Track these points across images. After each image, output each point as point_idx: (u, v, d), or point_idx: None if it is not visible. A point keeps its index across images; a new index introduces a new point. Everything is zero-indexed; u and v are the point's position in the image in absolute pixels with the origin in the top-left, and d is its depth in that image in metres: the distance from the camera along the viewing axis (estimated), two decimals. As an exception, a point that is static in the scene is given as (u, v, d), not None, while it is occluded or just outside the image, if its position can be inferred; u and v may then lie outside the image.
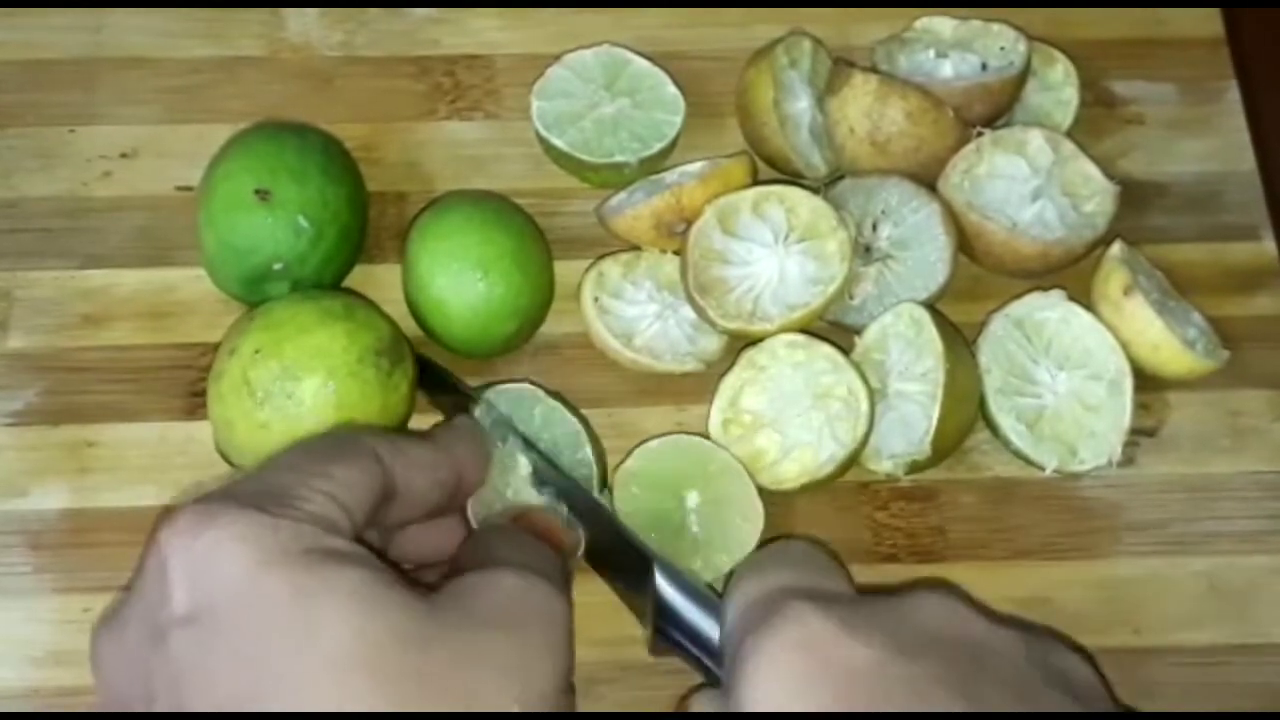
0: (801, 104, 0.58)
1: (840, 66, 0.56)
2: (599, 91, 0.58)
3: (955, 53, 0.58)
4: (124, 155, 0.59)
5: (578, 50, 0.59)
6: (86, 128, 0.59)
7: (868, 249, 0.54)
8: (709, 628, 0.43)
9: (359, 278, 0.56)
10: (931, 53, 0.58)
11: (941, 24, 0.59)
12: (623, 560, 0.47)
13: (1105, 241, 0.54)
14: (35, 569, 0.51)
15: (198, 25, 0.62)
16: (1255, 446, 0.54)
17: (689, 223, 0.53)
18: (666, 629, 0.44)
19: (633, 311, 0.54)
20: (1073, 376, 0.53)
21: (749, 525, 0.50)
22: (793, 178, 0.57)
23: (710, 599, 0.44)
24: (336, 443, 0.41)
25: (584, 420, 0.52)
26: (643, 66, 0.59)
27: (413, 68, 0.61)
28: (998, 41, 0.58)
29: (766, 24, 0.60)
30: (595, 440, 0.52)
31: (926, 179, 0.55)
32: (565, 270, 0.56)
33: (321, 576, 0.34)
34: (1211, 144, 0.60)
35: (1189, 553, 0.52)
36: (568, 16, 0.62)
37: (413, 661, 0.34)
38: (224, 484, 0.39)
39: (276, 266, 0.52)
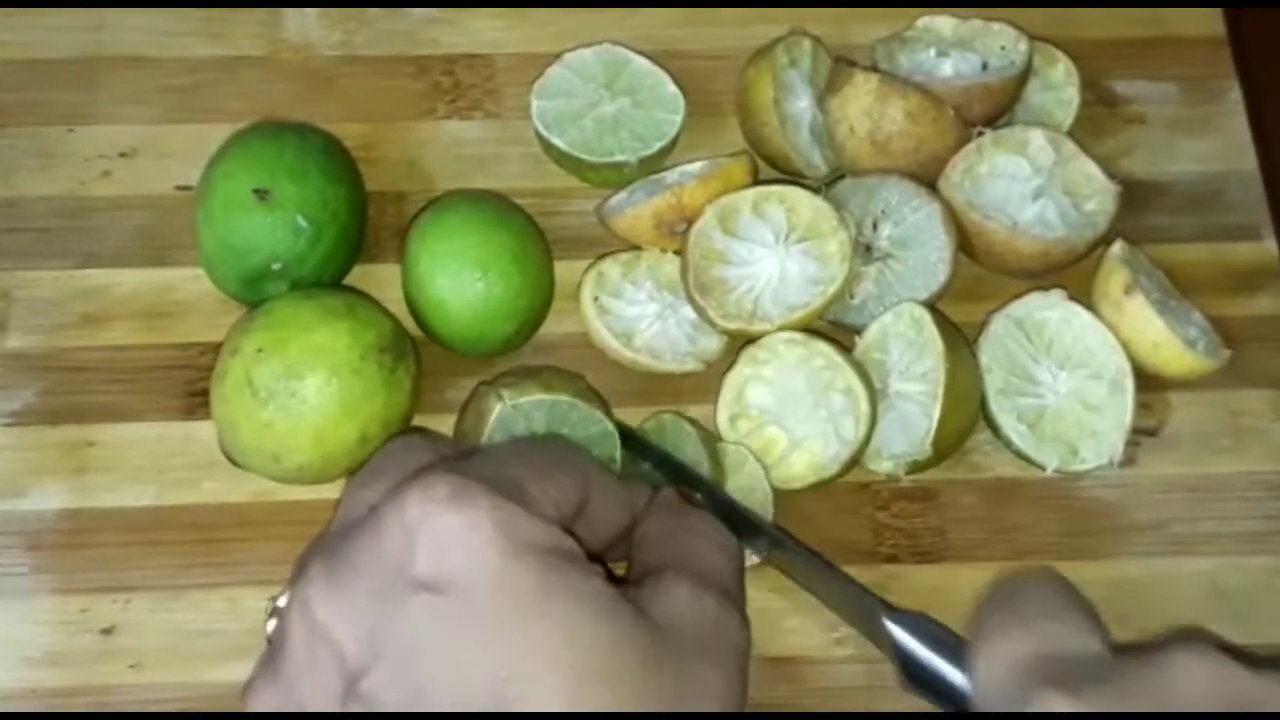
0: (802, 103, 0.57)
1: (841, 65, 0.56)
2: (599, 91, 0.58)
3: (956, 52, 0.58)
4: (123, 155, 0.59)
5: (577, 49, 0.59)
6: (86, 127, 0.59)
7: (868, 248, 0.54)
8: (950, 672, 0.43)
9: (359, 277, 0.56)
10: (932, 52, 0.58)
11: (942, 23, 0.59)
12: (846, 599, 0.48)
13: (1106, 241, 0.54)
14: (33, 569, 0.51)
15: (197, 25, 0.61)
16: (1256, 446, 0.54)
17: (690, 222, 0.53)
18: (909, 670, 0.44)
19: (633, 311, 0.54)
20: (1074, 376, 0.52)
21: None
22: (793, 177, 0.57)
23: (948, 642, 0.43)
24: (559, 449, 0.42)
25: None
26: (643, 66, 0.59)
27: (412, 67, 0.61)
28: (998, 41, 0.58)
29: (766, 23, 0.60)
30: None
31: (927, 178, 0.55)
32: (565, 270, 0.55)
33: (568, 579, 0.35)
34: (1213, 143, 0.60)
35: (1190, 553, 0.52)
36: (568, 16, 0.62)
37: (649, 683, 0.35)
38: (457, 462, 0.39)
39: (275, 266, 0.52)
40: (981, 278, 0.56)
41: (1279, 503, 0.53)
